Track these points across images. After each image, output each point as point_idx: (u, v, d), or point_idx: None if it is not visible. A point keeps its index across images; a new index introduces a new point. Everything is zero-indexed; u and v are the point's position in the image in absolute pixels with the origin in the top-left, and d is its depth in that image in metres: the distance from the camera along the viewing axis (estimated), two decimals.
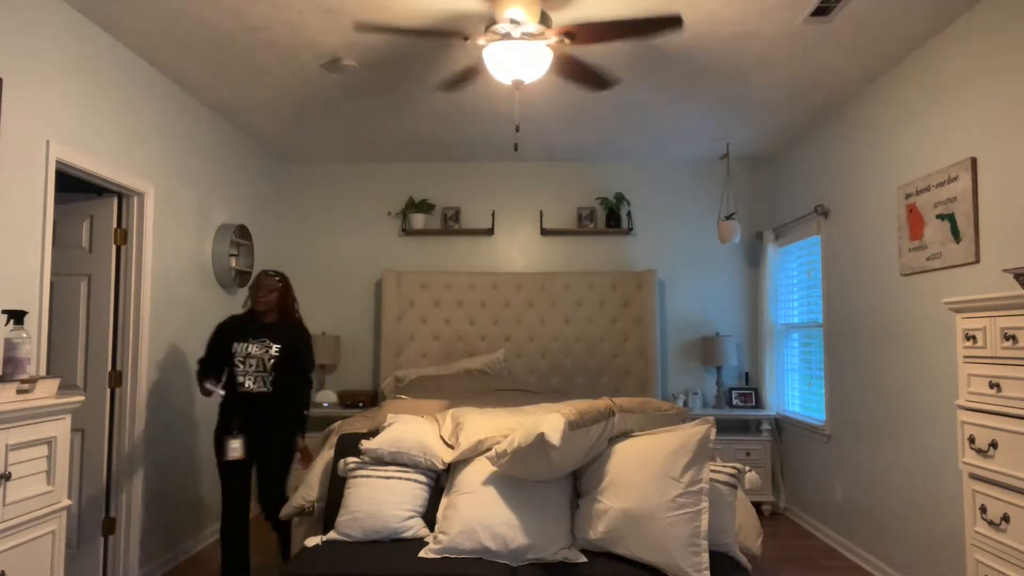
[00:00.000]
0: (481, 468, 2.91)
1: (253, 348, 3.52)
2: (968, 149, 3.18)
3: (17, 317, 2.37)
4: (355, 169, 6.01)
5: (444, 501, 2.91)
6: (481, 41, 2.99)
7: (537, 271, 5.83)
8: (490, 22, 2.94)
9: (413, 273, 5.72)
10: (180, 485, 4.24)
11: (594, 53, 3.57)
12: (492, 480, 2.83)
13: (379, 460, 3.02)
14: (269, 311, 3.60)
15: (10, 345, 2.30)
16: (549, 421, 2.60)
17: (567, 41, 2.95)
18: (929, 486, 3.46)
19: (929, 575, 3.45)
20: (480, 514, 2.70)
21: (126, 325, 3.75)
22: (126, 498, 3.70)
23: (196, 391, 4.41)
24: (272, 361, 3.53)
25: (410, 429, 3.10)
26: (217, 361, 3.59)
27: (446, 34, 2.95)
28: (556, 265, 5.90)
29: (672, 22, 2.76)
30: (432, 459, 3.01)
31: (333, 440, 3.43)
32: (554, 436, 2.55)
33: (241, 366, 3.51)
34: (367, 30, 2.93)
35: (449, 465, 3.08)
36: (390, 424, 3.17)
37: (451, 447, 3.14)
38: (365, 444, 3.05)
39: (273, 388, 3.53)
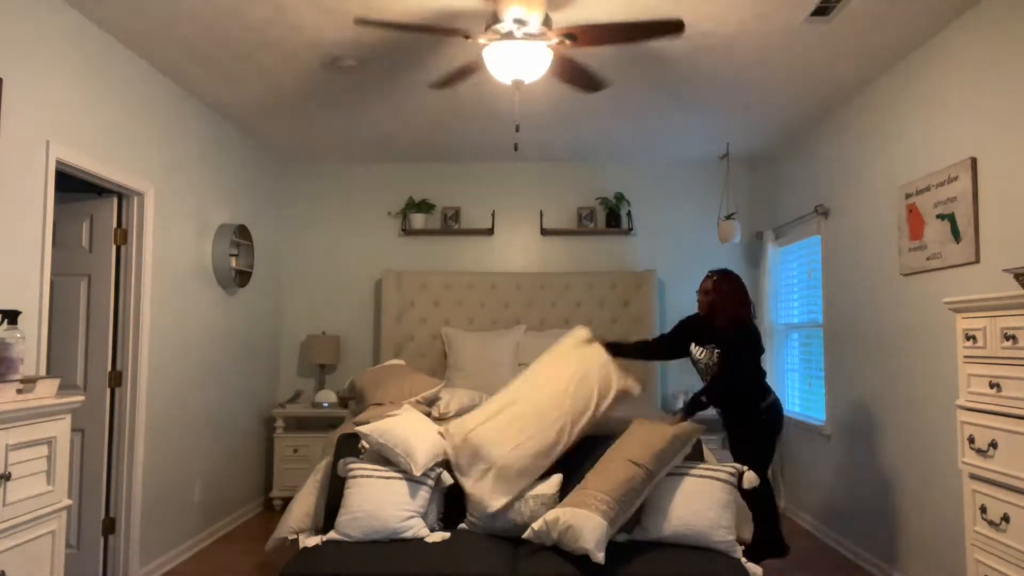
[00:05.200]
0: None
1: (699, 352, 3.67)
2: (968, 149, 3.18)
3: (11, 317, 2.37)
4: (355, 169, 6.01)
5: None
6: (482, 40, 2.96)
7: (537, 271, 5.83)
8: (491, 21, 2.93)
9: (413, 273, 5.72)
10: (180, 485, 4.24)
11: (592, 53, 3.57)
12: None
13: (374, 451, 3.03)
14: (706, 314, 3.63)
15: (3, 345, 2.29)
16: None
17: (568, 43, 2.92)
18: (929, 486, 3.46)
19: (929, 575, 3.46)
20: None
21: (126, 325, 3.75)
22: (126, 498, 3.70)
23: (195, 390, 4.42)
24: (715, 366, 3.57)
25: (406, 426, 3.07)
26: (674, 355, 3.85)
27: (447, 31, 2.93)
28: (556, 265, 5.90)
29: (673, 27, 2.74)
30: (410, 461, 2.93)
31: (330, 449, 3.44)
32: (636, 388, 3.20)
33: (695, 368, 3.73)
34: (366, 25, 2.91)
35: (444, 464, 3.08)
36: (394, 415, 3.16)
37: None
38: (360, 428, 3.03)
39: None
